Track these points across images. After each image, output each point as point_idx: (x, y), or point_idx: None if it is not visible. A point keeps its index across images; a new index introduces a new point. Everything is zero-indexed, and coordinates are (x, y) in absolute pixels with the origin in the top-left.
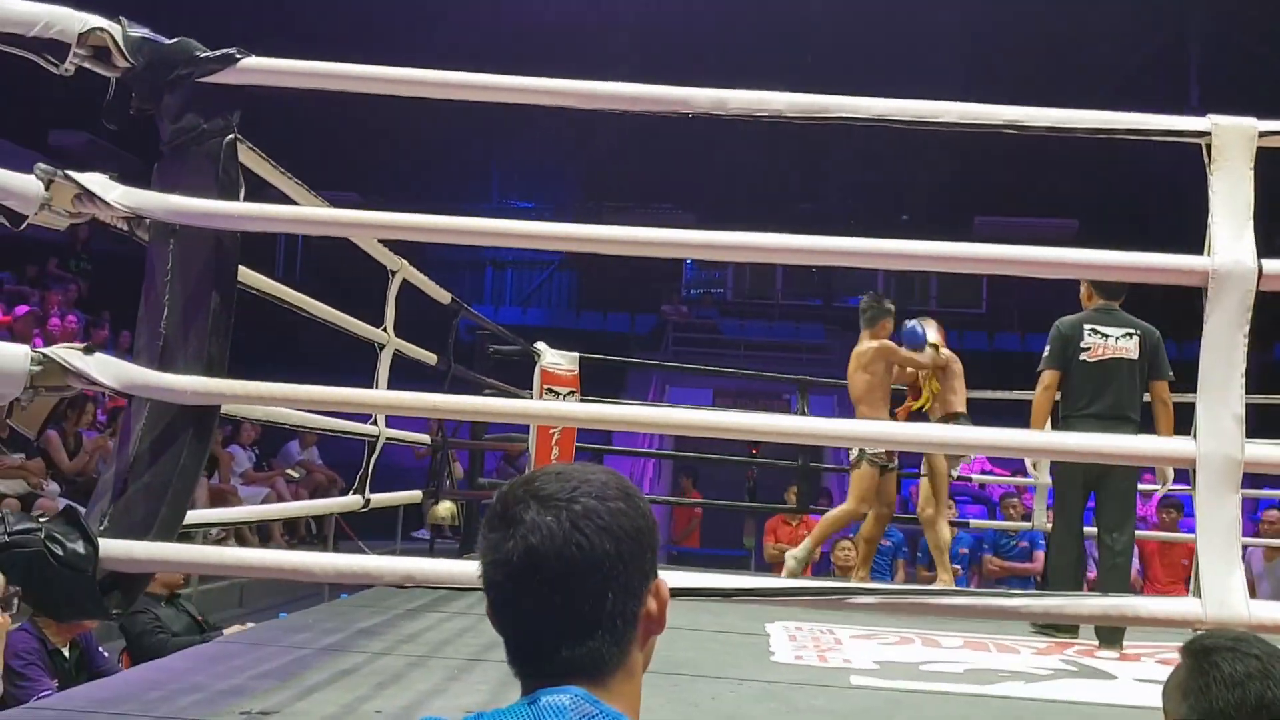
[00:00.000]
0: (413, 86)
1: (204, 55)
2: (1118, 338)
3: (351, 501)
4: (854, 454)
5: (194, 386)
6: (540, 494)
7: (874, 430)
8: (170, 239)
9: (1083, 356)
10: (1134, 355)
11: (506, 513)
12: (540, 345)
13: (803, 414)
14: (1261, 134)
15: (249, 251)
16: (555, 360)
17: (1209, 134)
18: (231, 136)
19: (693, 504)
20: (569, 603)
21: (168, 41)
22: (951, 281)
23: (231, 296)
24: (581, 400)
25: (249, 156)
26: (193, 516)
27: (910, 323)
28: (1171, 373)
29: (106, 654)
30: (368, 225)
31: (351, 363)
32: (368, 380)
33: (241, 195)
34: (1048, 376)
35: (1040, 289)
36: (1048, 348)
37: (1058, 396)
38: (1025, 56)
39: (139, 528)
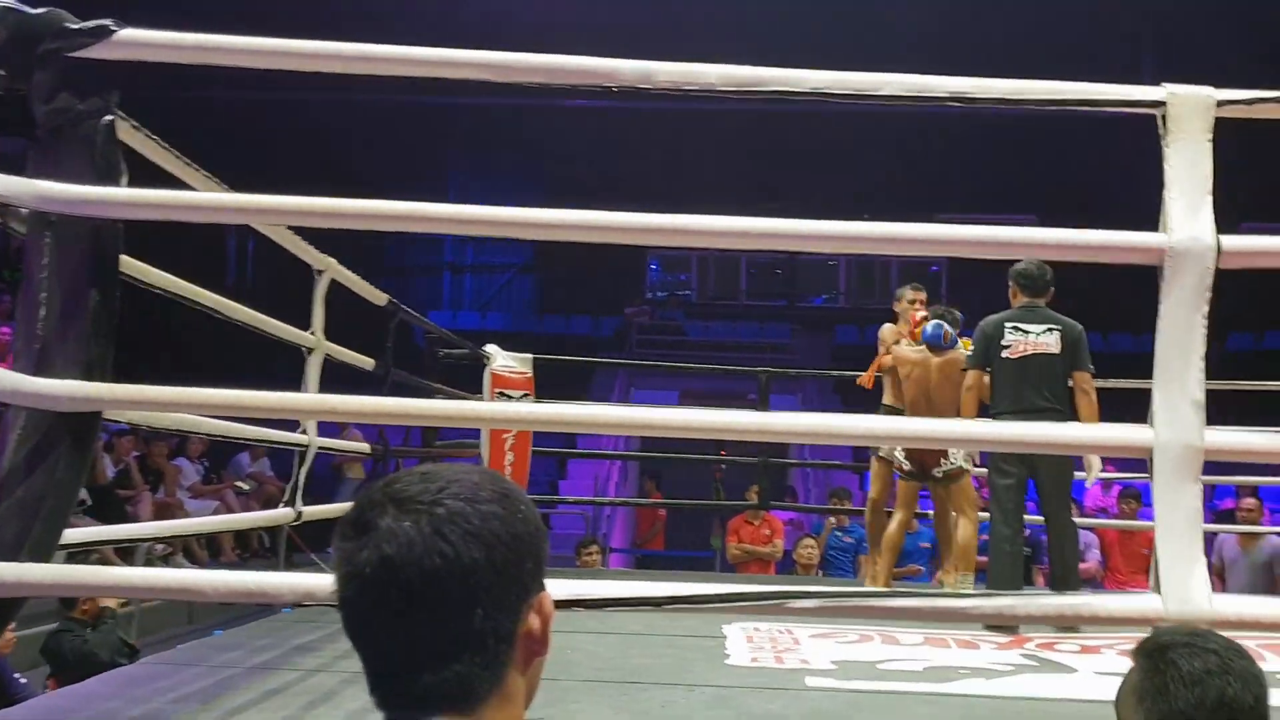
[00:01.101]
0: (305, 60)
1: (75, 27)
2: (1039, 334)
3: (281, 515)
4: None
5: (69, 392)
6: (399, 497)
7: (842, 425)
8: (46, 231)
9: (1005, 354)
10: (1055, 349)
11: (360, 518)
12: (490, 348)
13: (762, 408)
14: (1220, 103)
15: (197, 262)
16: (506, 363)
17: (1164, 104)
18: (110, 119)
19: (653, 504)
20: (431, 620)
21: (34, 11)
22: (911, 278)
23: (114, 294)
24: (538, 403)
25: (147, 145)
26: (78, 535)
27: (932, 323)
28: (1092, 365)
29: (25, 680)
30: (262, 210)
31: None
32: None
33: (123, 181)
34: (971, 376)
35: (998, 284)
36: (972, 348)
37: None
38: (984, 38)
39: (10, 548)
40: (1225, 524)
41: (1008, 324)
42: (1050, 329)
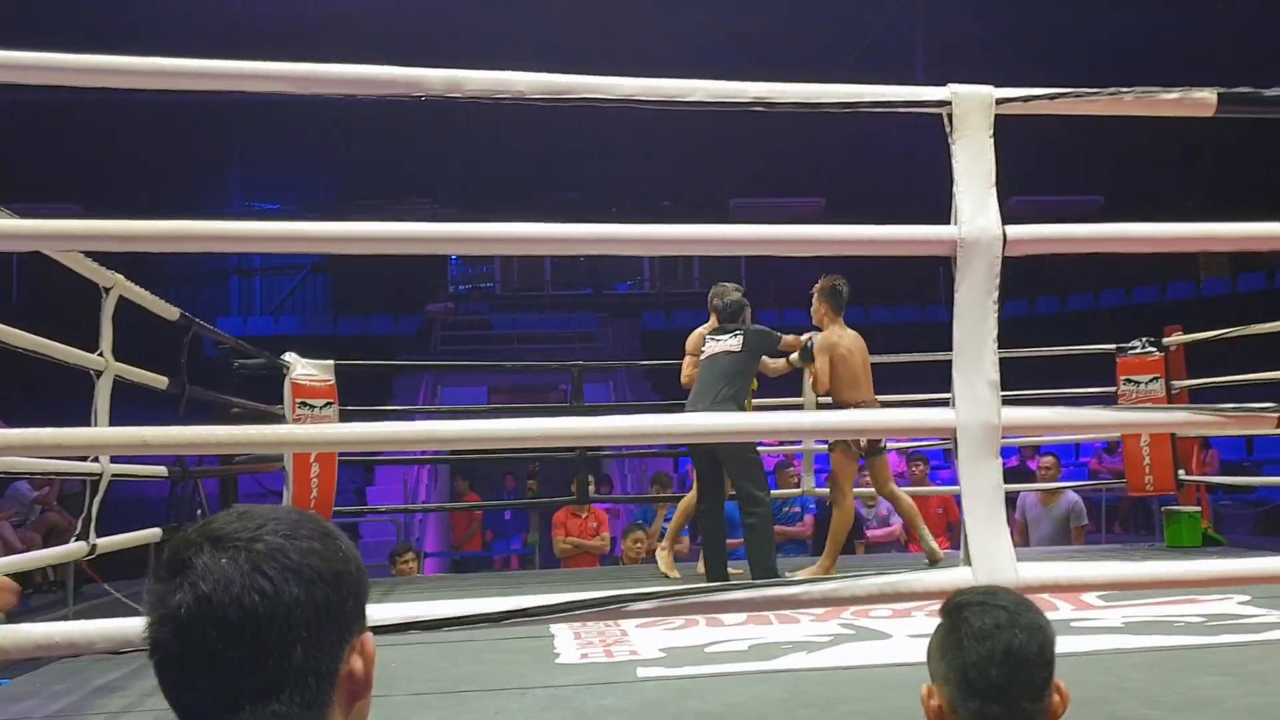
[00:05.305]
0: (88, 76)
1: None
2: (725, 340)
3: (73, 550)
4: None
5: None
6: (216, 535)
7: (664, 425)
8: None
9: (702, 356)
10: (736, 349)
11: (175, 559)
12: (289, 356)
13: (577, 402)
14: (998, 101)
15: None
16: (307, 371)
17: (949, 103)
18: None
19: (468, 507)
20: (249, 658)
21: None
22: (712, 262)
23: None
24: (341, 410)
25: None
26: None
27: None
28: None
29: None
30: (48, 236)
31: (76, 395)
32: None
33: None
34: (690, 360)
35: (795, 268)
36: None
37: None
38: (757, 39)
39: None
40: (1022, 482)
41: (708, 336)
42: (735, 335)
